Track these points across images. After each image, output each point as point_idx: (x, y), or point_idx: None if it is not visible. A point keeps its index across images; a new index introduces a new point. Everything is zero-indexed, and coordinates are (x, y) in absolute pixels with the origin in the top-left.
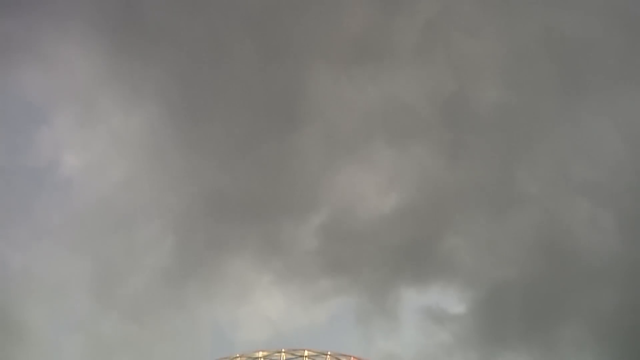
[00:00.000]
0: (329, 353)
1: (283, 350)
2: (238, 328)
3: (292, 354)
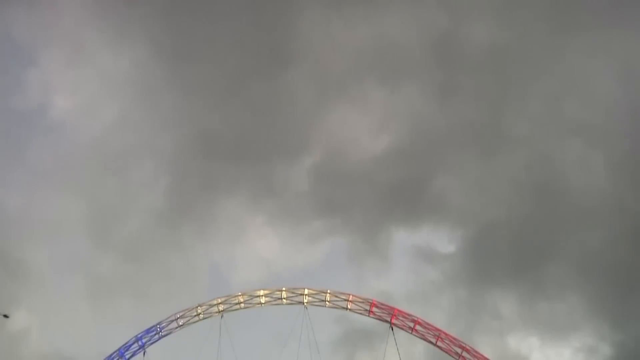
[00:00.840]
0: (328, 291)
1: (284, 288)
2: (234, 268)
3: (293, 292)
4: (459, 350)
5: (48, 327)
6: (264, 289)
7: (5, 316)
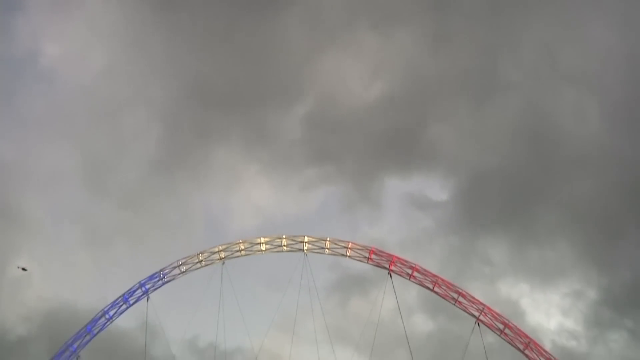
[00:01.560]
0: (328, 239)
1: (284, 236)
2: (229, 216)
3: (293, 240)
4: (455, 296)
5: (49, 274)
6: (264, 237)
7: (24, 269)
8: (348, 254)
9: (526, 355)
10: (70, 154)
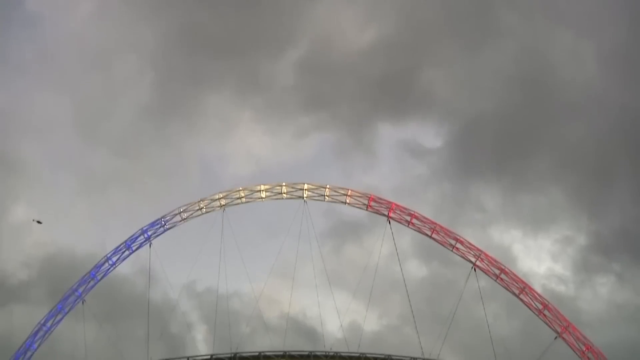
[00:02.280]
0: (327, 186)
1: (283, 183)
2: (224, 164)
3: (293, 187)
4: (452, 242)
5: (47, 220)
6: (264, 184)
7: (39, 222)
8: (347, 201)
9: (521, 300)
10: (61, 102)
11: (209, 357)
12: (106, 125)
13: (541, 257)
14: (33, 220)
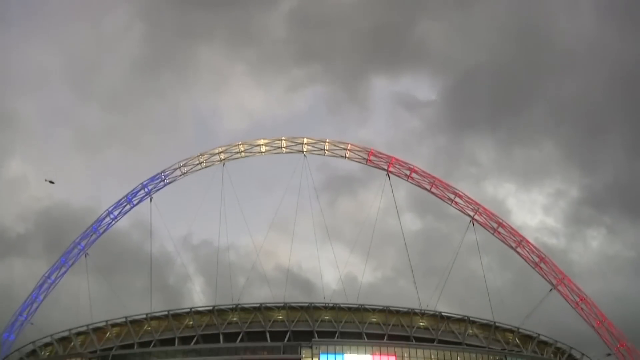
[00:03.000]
0: (327, 140)
1: (283, 138)
2: (219, 119)
3: (292, 142)
4: (452, 196)
5: (42, 175)
6: (263, 139)
7: (51, 182)
8: (347, 155)
9: (518, 253)
10: (51, 54)
11: (211, 307)
12: (98, 79)
13: (534, 211)
14: (45, 180)
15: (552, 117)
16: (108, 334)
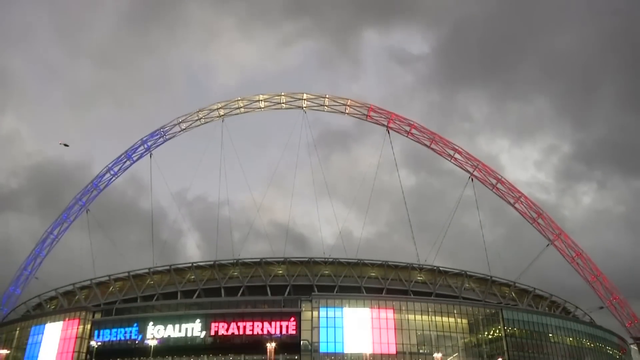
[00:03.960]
0: (327, 96)
1: (283, 93)
2: (211, 74)
3: (292, 97)
4: (451, 153)
5: (35, 132)
6: (262, 94)
7: (66, 145)
8: (347, 111)
9: (516, 209)
10: (39, 11)
11: (212, 262)
12: (87, 35)
13: (526, 166)
14: (60, 143)
15: (545, 72)
16: (111, 288)
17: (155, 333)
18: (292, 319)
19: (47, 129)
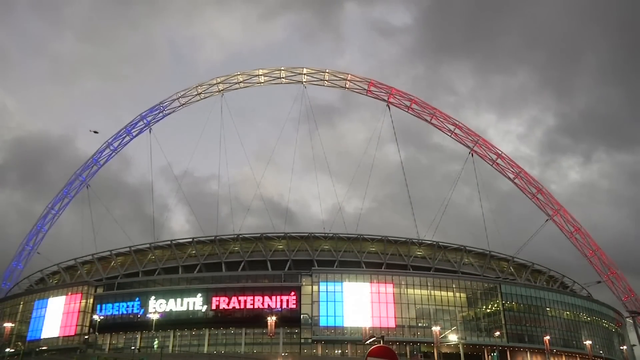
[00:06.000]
0: (327, 70)
1: (282, 68)
2: (195, 48)
3: (292, 72)
4: (452, 128)
5: (20, 106)
6: (262, 69)
7: (95, 132)
8: (347, 85)
9: (515, 184)
10: None
11: (212, 237)
12: (68, 6)
13: (510, 139)
14: (90, 130)
15: (528, 43)
16: (113, 263)
17: (157, 307)
18: (293, 293)
19: (31, 103)
